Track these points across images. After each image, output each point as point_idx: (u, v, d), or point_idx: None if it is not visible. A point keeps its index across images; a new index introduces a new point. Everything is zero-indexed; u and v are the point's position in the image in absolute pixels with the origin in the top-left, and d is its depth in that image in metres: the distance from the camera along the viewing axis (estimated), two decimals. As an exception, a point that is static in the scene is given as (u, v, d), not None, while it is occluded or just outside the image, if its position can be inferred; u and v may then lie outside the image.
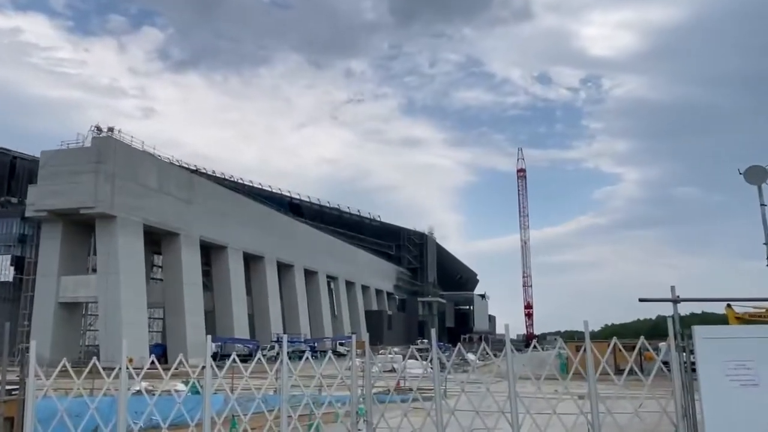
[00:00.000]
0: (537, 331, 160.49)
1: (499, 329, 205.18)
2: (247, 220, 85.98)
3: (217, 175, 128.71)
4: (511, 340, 10.84)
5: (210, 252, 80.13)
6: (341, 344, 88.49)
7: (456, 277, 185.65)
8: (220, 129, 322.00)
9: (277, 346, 74.56)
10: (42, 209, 61.21)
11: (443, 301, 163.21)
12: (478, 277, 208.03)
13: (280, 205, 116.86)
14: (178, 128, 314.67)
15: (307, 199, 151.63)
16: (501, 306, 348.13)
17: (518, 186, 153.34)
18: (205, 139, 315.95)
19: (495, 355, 20.15)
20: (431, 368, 11.02)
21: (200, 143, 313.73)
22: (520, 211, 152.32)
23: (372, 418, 11.01)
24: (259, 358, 11.66)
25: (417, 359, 12.23)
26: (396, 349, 71.19)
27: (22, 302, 62.77)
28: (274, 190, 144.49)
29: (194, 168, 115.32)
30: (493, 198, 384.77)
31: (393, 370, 35.06)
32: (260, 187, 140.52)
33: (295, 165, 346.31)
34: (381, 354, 61.58)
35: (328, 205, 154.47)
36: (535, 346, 12.23)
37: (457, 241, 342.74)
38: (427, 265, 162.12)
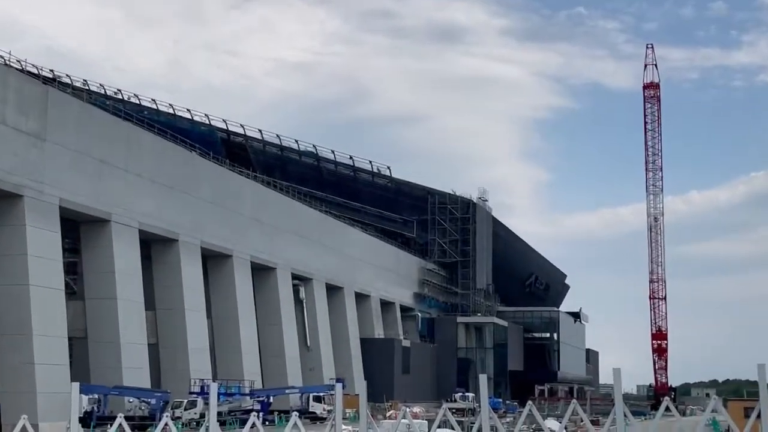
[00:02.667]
0: (674, 381, 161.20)
1: (605, 376, 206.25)
2: (148, 171, 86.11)
3: (94, 89, 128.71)
4: (629, 396, 10.90)
5: (79, 229, 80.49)
6: (317, 400, 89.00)
7: (527, 281, 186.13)
8: (96, 6, 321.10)
9: (199, 401, 75.18)
10: None
11: (503, 323, 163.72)
12: (567, 281, 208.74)
13: (208, 145, 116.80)
14: (19, 2, 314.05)
15: (258, 135, 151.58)
16: (609, 334, 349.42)
17: (645, 115, 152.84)
18: (70, 24, 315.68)
19: (595, 422, 20.35)
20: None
21: (60, 31, 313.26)
22: (646, 162, 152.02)
23: None
24: (166, 424, 11.81)
25: (453, 428, 12.36)
26: (416, 408, 71.58)
27: None
28: (196, 118, 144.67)
29: (50, 76, 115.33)
30: (596, 138, 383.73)
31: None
32: (171, 112, 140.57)
33: (234, 74, 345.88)
34: (389, 418, 62.04)
35: (295, 146, 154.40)
36: (668, 408, 12.31)
37: (530, 215, 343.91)
38: (476, 258, 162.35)
